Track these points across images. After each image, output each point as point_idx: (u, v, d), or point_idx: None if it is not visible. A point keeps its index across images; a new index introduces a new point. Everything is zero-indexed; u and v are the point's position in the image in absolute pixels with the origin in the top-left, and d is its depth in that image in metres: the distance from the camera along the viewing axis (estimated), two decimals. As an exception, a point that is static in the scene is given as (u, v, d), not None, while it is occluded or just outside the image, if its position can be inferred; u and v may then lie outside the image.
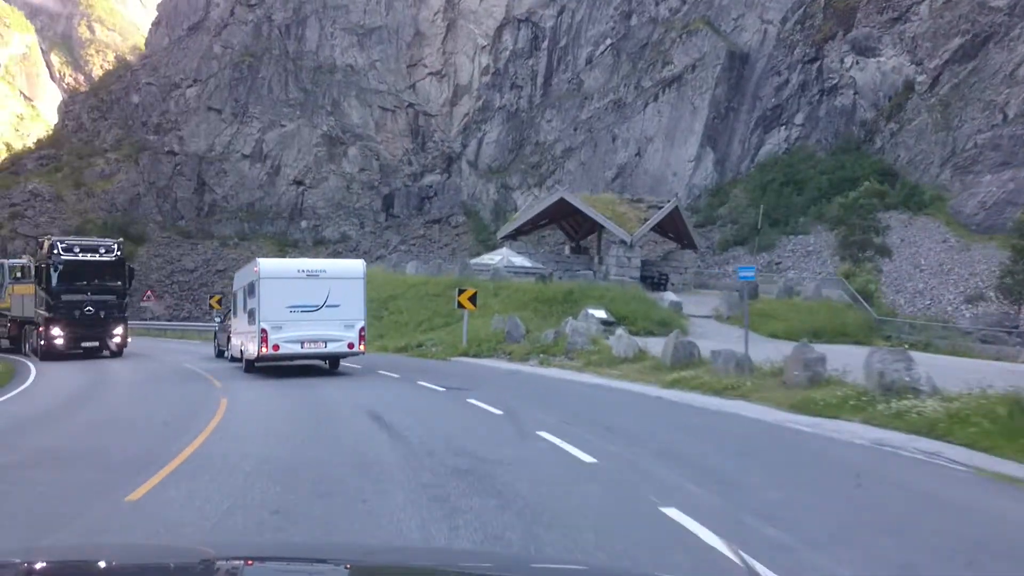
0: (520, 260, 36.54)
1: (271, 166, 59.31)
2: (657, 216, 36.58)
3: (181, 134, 59.07)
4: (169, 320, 45.82)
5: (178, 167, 58.29)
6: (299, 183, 59.27)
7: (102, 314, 24.48)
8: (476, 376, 17.55)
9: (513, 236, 40.61)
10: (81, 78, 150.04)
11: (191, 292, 51.89)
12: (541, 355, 20.37)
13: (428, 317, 29.03)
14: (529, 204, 46.50)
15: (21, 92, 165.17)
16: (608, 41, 56.94)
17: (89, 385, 17.05)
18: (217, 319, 30.51)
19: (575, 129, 56.66)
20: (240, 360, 21.10)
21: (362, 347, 18.72)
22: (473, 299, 23.70)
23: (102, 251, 24.93)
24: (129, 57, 73.79)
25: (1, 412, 12.66)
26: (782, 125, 49.27)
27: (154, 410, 12.53)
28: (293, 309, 17.98)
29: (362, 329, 18.63)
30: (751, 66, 50.73)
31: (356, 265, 19.65)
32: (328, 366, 20.10)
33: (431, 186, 60.71)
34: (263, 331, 17.73)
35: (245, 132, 59.58)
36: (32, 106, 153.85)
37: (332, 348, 18.59)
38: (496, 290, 28.80)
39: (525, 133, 59.39)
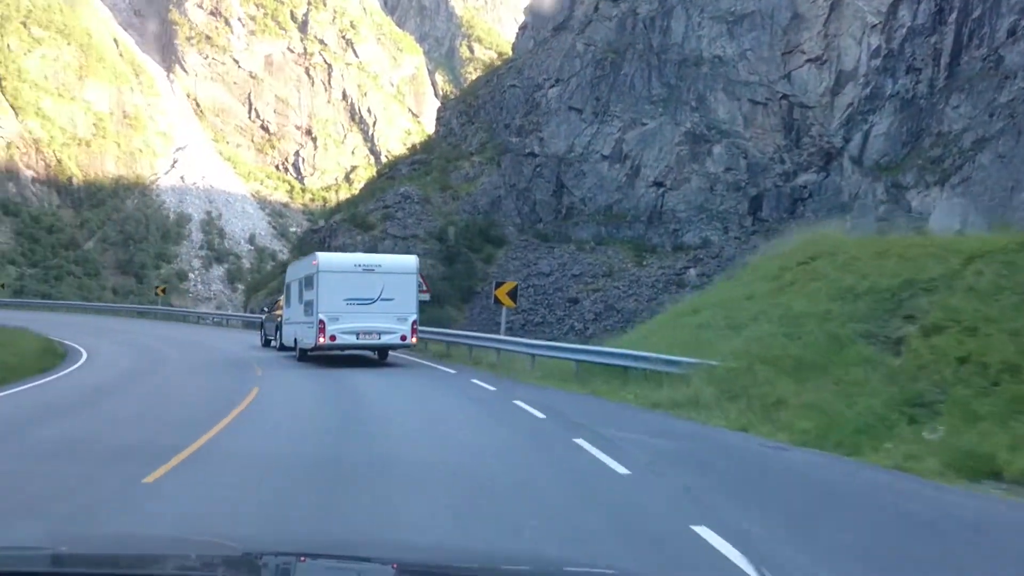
0: None
1: (630, 167, 56.24)
2: None
3: (542, 135, 58.04)
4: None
5: (538, 169, 57.28)
6: (659, 184, 55.56)
7: None
8: None
9: None
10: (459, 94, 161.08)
11: (545, 296, 50.20)
12: None
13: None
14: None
15: (409, 109, 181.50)
16: (1039, 6, 46.40)
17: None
18: (264, 310, 31.15)
19: (991, 115, 46.83)
20: (292, 349, 22.11)
21: (414, 339, 19.72)
22: None
23: None
24: (497, 63, 75.14)
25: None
26: None
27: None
28: (350, 302, 19.01)
29: (414, 322, 19.58)
30: None
31: (409, 260, 20.91)
32: (377, 357, 20.85)
33: (805, 186, 53.90)
34: (321, 322, 18.79)
35: (605, 132, 57.12)
36: (418, 122, 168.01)
37: (386, 340, 19.53)
38: None
39: (923, 122, 50.50)
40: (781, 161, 54.85)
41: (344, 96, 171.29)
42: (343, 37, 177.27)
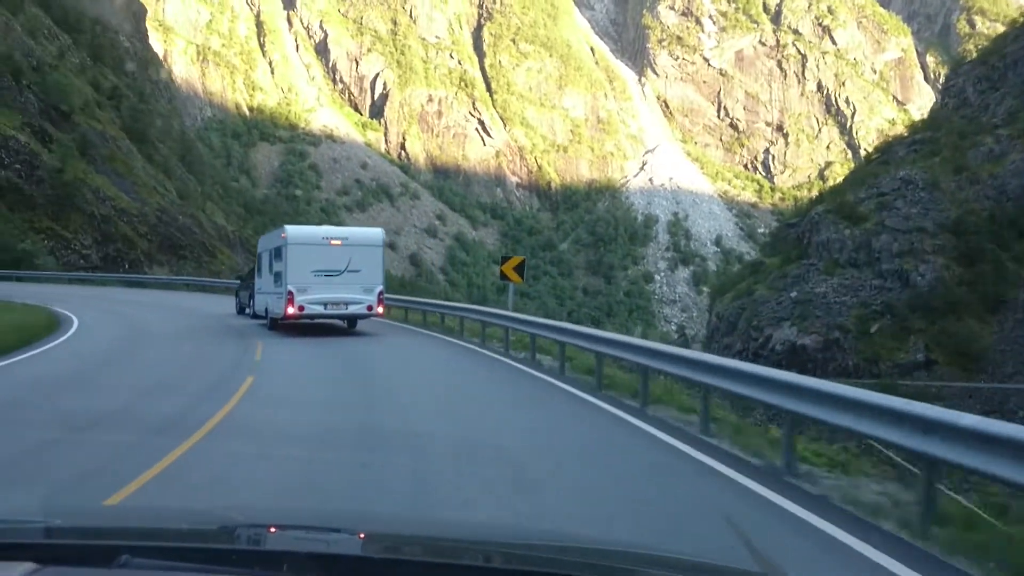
0: None
1: None
2: None
3: (1103, 96, 43.76)
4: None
5: (1096, 140, 43.19)
6: None
7: None
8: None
9: None
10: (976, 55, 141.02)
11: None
12: None
13: None
14: None
15: (894, 97, 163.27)
16: None
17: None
18: (240, 278, 31.66)
19: None
20: (264, 317, 22.35)
21: (380, 309, 20.41)
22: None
23: None
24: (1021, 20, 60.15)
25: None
26: None
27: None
28: (317, 273, 19.52)
29: (380, 292, 20.21)
30: None
31: (375, 233, 21.67)
32: (347, 325, 21.39)
33: None
34: (290, 293, 19.28)
35: None
36: (904, 111, 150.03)
37: (352, 310, 20.20)
38: None
39: None
40: None
41: (819, 87, 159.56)
42: (819, 24, 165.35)
